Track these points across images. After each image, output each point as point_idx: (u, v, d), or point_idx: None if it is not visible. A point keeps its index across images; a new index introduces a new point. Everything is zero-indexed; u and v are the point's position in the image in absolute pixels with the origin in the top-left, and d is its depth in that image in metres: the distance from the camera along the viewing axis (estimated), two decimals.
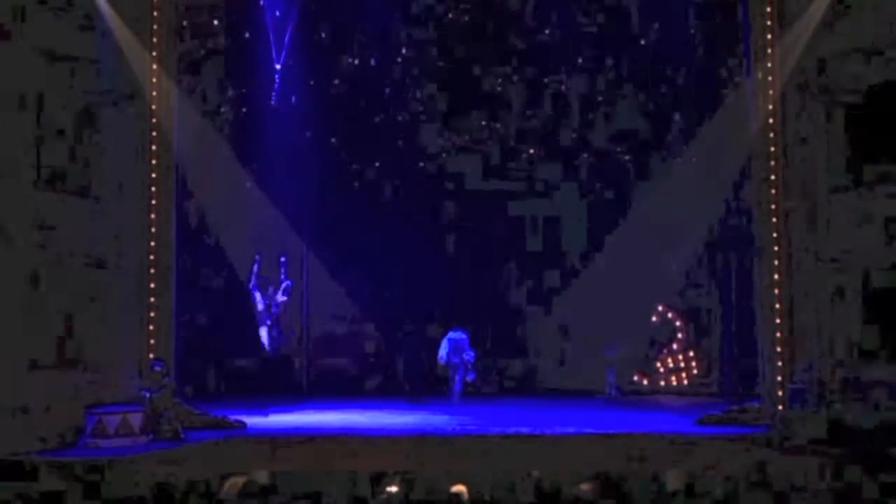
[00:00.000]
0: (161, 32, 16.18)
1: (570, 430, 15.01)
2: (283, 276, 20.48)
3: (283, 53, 19.76)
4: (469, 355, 19.34)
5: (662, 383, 21.39)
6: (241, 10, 20.04)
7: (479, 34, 21.31)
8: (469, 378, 19.49)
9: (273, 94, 20.15)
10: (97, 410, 14.17)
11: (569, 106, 21.70)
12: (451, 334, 19.64)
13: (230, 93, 20.78)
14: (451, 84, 21.70)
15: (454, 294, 21.52)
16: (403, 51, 21.34)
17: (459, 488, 9.26)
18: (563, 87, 21.65)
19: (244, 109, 20.83)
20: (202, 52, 19.54)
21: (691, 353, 21.31)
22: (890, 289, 14.49)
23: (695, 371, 21.26)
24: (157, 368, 15.19)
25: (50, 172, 14.67)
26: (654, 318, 21.54)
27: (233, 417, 15.66)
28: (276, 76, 19.84)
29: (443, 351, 19.49)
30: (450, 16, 21.00)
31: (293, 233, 20.89)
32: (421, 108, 21.92)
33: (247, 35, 20.30)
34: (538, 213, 21.99)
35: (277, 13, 19.91)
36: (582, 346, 21.00)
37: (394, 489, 9.92)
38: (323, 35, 20.92)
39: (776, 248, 15.70)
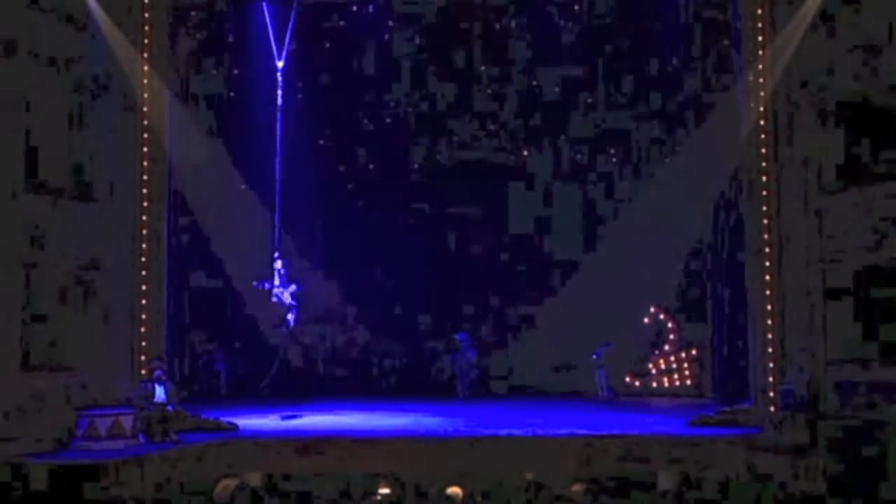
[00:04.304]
0: (153, 33, 16.16)
1: (563, 431, 15.01)
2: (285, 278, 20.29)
3: (284, 53, 19.66)
4: (471, 354, 20.64)
5: (655, 384, 21.42)
6: (238, 10, 20.01)
7: (467, 36, 21.34)
8: (472, 374, 20.66)
9: (278, 93, 20.05)
10: (89, 412, 14.10)
11: (561, 105, 21.72)
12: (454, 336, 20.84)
13: (224, 93, 20.75)
14: (444, 83, 21.70)
15: (449, 294, 21.60)
16: (397, 48, 21.37)
17: (454, 490, 9.30)
18: (556, 88, 21.68)
19: (238, 110, 20.81)
20: (197, 51, 19.50)
21: (683, 355, 21.33)
22: (881, 289, 14.51)
23: (687, 372, 21.29)
24: (164, 365, 15.27)
25: (40, 175, 14.61)
26: (646, 320, 21.57)
27: (225, 420, 15.63)
28: (279, 74, 19.75)
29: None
30: (441, 18, 20.97)
31: (288, 234, 20.83)
32: (414, 109, 21.92)
33: (244, 34, 20.28)
34: (530, 213, 21.99)
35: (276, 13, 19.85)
36: (574, 347, 21.00)
37: (385, 491, 9.95)
38: (315, 37, 20.92)
39: (768, 249, 15.74)
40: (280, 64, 19.50)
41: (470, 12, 20.88)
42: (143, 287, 15.87)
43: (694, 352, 21.17)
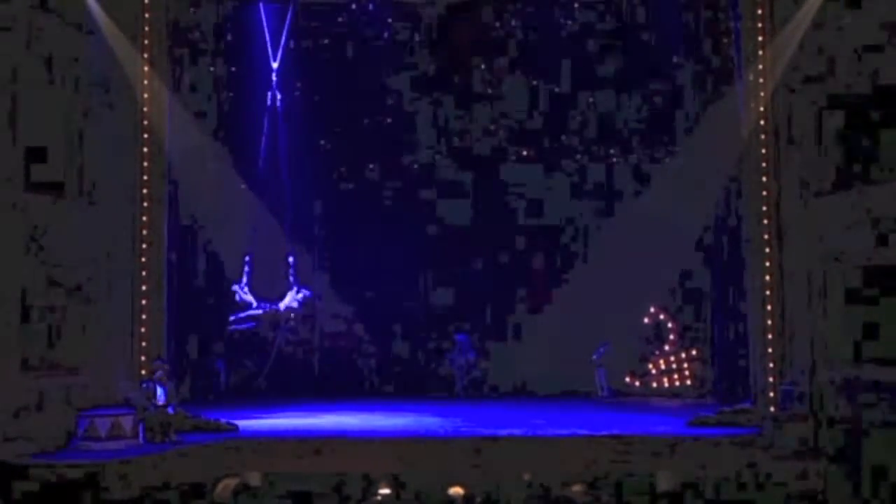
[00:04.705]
0: (152, 35, 16.18)
1: (563, 431, 15.01)
2: (293, 283, 20.35)
3: (280, 54, 19.69)
4: (471, 355, 21.07)
5: (654, 385, 21.41)
6: (237, 9, 20.02)
7: (468, 32, 21.34)
8: (471, 375, 21.09)
9: (277, 93, 20.06)
10: (89, 413, 14.11)
11: (561, 104, 21.72)
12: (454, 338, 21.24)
13: (223, 93, 20.76)
14: (442, 83, 21.72)
15: (449, 294, 21.61)
16: (397, 47, 21.38)
17: (455, 490, 9.28)
18: (556, 88, 21.68)
19: (237, 110, 20.82)
20: (197, 51, 19.51)
21: (683, 355, 21.32)
22: (881, 289, 14.52)
23: (687, 372, 21.28)
24: (165, 365, 15.26)
25: (40, 174, 14.61)
26: (646, 320, 21.56)
27: (224, 420, 15.63)
28: (274, 74, 19.73)
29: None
30: (440, 17, 20.97)
31: (284, 235, 20.85)
32: (415, 109, 21.92)
33: (243, 34, 20.29)
34: (531, 212, 21.99)
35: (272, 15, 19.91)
36: (574, 347, 20.98)
37: (386, 491, 9.94)
38: (314, 37, 20.94)
39: (768, 250, 15.76)
40: (275, 65, 19.57)
41: (470, 11, 20.87)
42: (143, 287, 15.88)
43: (694, 352, 21.16)
